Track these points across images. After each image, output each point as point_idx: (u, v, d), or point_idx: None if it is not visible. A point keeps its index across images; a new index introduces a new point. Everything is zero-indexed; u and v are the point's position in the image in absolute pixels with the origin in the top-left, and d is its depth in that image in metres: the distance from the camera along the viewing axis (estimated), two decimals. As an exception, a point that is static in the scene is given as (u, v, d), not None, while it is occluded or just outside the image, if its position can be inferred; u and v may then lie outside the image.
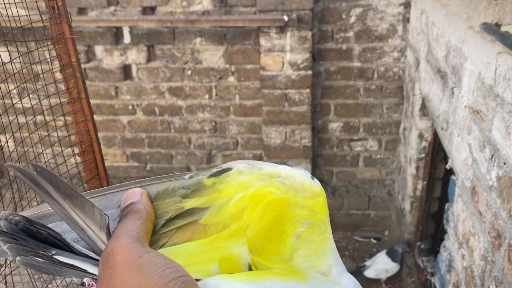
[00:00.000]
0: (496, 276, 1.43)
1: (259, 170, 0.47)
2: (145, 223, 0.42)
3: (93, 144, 2.21)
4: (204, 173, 0.48)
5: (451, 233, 2.00)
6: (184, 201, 0.46)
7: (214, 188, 0.46)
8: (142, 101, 3.49)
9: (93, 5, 3.22)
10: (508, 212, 1.34)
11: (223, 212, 0.45)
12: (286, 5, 2.99)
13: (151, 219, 0.43)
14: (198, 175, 0.47)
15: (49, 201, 0.41)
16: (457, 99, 1.87)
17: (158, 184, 0.47)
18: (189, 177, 0.47)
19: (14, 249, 0.40)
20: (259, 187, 0.46)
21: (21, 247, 0.40)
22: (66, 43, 2.06)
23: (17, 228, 0.41)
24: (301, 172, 0.48)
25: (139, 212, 0.42)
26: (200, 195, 0.46)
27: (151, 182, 0.48)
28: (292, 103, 3.27)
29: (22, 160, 2.85)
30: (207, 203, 0.46)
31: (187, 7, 3.20)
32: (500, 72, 1.40)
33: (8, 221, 0.41)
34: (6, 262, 2.23)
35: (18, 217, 0.41)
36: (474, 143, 1.65)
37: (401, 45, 3.19)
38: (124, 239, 0.39)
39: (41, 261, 0.40)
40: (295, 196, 0.46)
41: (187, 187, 0.46)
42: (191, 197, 0.46)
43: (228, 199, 0.45)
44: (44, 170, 0.40)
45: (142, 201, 0.44)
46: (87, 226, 0.41)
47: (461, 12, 1.90)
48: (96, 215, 0.42)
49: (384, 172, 3.61)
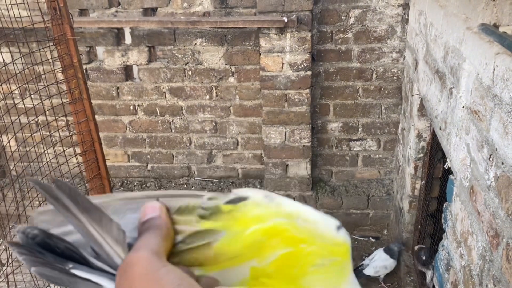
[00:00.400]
0: (494, 275, 1.44)
1: (277, 206, 0.46)
2: (164, 239, 0.42)
3: (95, 144, 2.23)
4: (222, 197, 0.47)
5: (449, 232, 2.01)
6: (201, 221, 0.45)
7: (230, 215, 0.45)
8: (143, 101, 3.50)
9: (95, 6, 3.24)
10: (506, 212, 1.36)
11: (237, 240, 0.44)
12: (285, 7, 3.01)
13: (170, 235, 0.43)
14: (217, 199, 0.47)
15: (67, 215, 0.41)
16: (455, 100, 1.89)
17: (178, 199, 0.47)
18: (209, 198, 0.47)
19: (29, 261, 0.40)
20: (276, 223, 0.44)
21: (35, 259, 0.41)
22: (67, 44, 2.08)
23: (34, 241, 0.42)
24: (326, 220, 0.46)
25: (159, 228, 0.42)
26: (216, 219, 0.45)
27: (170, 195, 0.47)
28: (292, 103, 3.28)
29: (24, 160, 2.86)
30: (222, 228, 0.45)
31: (188, 8, 3.22)
32: (498, 72, 1.41)
33: (25, 235, 0.42)
34: (8, 262, 2.25)
35: (36, 231, 0.42)
36: (472, 143, 1.66)
37: (399, 46, 3.21)
38: (143, 252, 0.39)
39: (57, 272, 0.41)
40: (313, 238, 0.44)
41: (206, 208, 0.46)
42: (208, 219, 0.45)
43: (243, 228, 0.45)
44: (64, 184, 0.41)
45: (161, 216, 0.44)
46: (104, 240, 0.42)
47: (460, 13, 1.91)
48: (114, 229, 0.42)
49: (383, 171, 3.63)
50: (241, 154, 3.64)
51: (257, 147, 3.59)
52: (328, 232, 0.45)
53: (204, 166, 3.72)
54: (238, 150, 3.63)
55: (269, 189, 3.60)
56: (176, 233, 0.44)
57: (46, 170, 2.37)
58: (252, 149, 3.61)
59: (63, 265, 0.42)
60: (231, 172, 3.73)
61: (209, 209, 0.46)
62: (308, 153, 3.45)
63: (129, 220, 0.45)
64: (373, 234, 3.68)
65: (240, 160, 3.67)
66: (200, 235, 0.45)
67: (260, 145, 3.57)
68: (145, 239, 0.41)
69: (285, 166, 3.52)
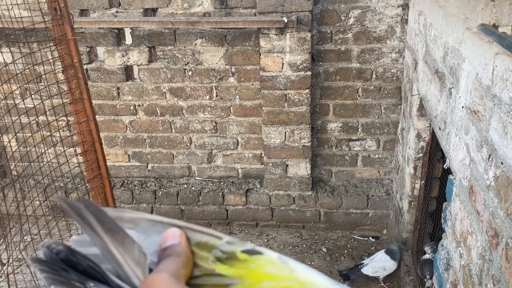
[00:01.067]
0: (494, 274, 1.44)
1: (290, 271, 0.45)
2: (185, 267, 0.43)
3: (95, 144, 2.24)
4: (239, 244, 0.47)
5: (449, 232, 2.02)
6: (217, 263, 0.46)
7: (245, 264, 0.46)
8: (143, 101, 3.51)
9: (95, 7, 3.24)
10: (505, 211, 1.36)
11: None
12: (285, 7, 3.01)
13: (190, 264, 0.44)
14: (235, 244, 0.47)
15: (90, 234, 0.42)
16: (454, 100, 1.90)
17: (199, 234, 0.47)
18: (227, 242, 0.47)
19: (49, 279, 0.41)
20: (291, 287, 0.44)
21: (57, 278, 0.41)
22: (68, 44, 2.09)
23: (57, 257, 0.43)
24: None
25: (180, 256, 0.43)
26: (231, 265, 0.46)
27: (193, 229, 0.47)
28: (292, 103, 3.29)
29: (24, 160, 2.87)
30: (237, 276, 0.45)
31: (188, 9, 3.23)
32: (497, 72, 1.42)
33: (49, 250, 0.43)
34: (8, 261, 2.25)
35: (61, 247, 0.43)
36: (472, 143, 1.67)
37: (399, 46, 3.21)
38: (164, 275, 0.41)
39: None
40: None
41: (224, 251, 0.46)
42: (224, 263, 0.46)
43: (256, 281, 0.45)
44: (91, 204, 0.42)
45: (181, 244, 0.44)
46: (125, 261, 0.42)
47: (459, 13, 1.92)
48: (135, 251, 0.43)
49: (383, 171, 3.64)
50: (241, 154, 3.65)
51: (257, 147, 3.60)
52: None
53: (204, 166, 3.73)
54: (238, 150, 3.64)
55: (269, 189, 3.61)
56: (194, 266, 0.45)
57: (46, 170, 2.38)
58: (252, 149, 3.62)
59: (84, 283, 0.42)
60: (231, 172, 3.73)
61: (226, 253, 0.46)
62: (308, 153, 3.46)
63: (152, 242, 0.46)
64: (372, 233, 3.69)
65: (240, 160, 3.67)
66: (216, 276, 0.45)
67: (260, 145, 3.58)
68: (166, 263, 0.42)
69: (285, 166, 3.52)
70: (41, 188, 3.47)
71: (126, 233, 0.43)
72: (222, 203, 3.71)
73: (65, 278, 0.42)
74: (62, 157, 2.64)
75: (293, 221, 3.74)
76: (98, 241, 0.42)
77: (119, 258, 0.42)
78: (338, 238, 3.67)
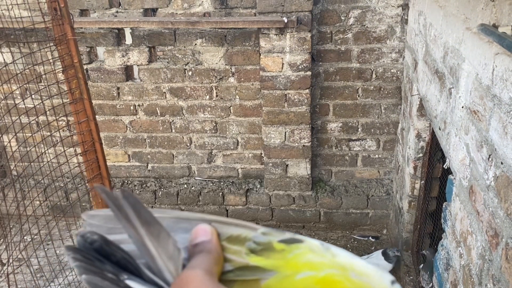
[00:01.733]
0: (494, 274, 1.44)
1: (331, 256, 0.44)
2: (217, 264, 0.43)
3: (95, 144, 2.24)
4: (276, 234, 0.46)
5: (448, 232, 2.02)
6: (251, 255, 0.44)
7: (282, 255, 0.44)
8: (143, 101, 3.51)
9: (95, 7, 3.24)
10: (505, 211, 1.36)
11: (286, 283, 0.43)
12: (285, 7, 3.01)
13: (221, 261, 0.44)
14: (271, 235, 0.45)
15: (126, 225, 0.42)
16: (454, 100, 1.90)
17: (230, 227, 0.46)
18: (262, 232, 0.46)
19: (81, 268, 0.41)
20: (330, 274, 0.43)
21: (88, 267, 0.41)
22: (68, 44, 2.09)
23: (91, 247, 0.42)
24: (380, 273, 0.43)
25: (211, 253, 0.43)
26: (267, 256, 0.44)
27: (224, 222, 0.47)
28: (292, 103, 3.29)
29: (24, 160, 2.87)
30: (272, 267, 0.43)
31: (188, 9, 3.23)
32: (497, 73, 1.42)
33: (84, 239, 0.42)
34: (8, 261, 2.25)
35: (96, 236, 0.42)
36: (472, 143, 1.67)
37: (399, 46, 3.21)
38: (199, 271, 0.40)
39: (107, 283, 0.41)
40: None
41: (258, 243, 0.45)
42: (258, 255, 0.44)
43: (294, 272, 0.43)
44: (130, 195, 0.42)
45: (212, 241, 0.44)
46: (159, 255, 0.42)
47: (459, 13, 1.92)
48: (170, 246, 0.43)
49: (382, 171, 3.64)
50: (241, 154, 3.65)
51: (257, 147, 3.60)
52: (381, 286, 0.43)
53: (204, 166, 3.73)
54: (238, 150, 3.64)
55: (269, 189, 3.61)
56: (225, 261, 0.44)
57: (46, 170, 2.38)
58: (252, 149, 3.62)
59: (117, 275, 0.42)
60: (231, 172, 3.73)
61: (261, 244, 0.45)
62: (308, 153, 3.46)
63: (180, 240, 0.45)
64: (372, 233, 3.69)
65: (240, 160, 3.67)
66: (250, 270, 0.44)
67: (260, 145, 3.58)
68: (199, 260, 0.42)
69: (285, 166, 3.53)
70: (41, 188, 3.47)
71: (162, 227, 0.43)
72: (222, 203, 3.71)
73: (98, 268, 0.41)
74: (62, 157, 2.64)
75: (293, 221, 3.74)
76: (133, 234, 0.42)
77: (153, 252, 0.42)
78: (338, 238, 3.67)
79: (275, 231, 0.46)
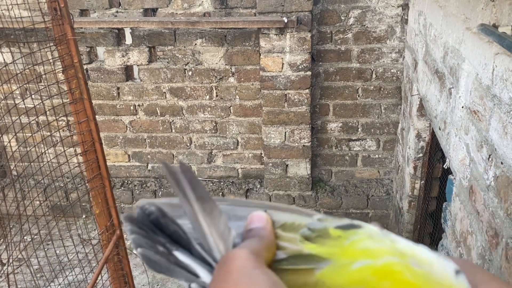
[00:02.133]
0: (494, 274, 1.45)
1: (391, 242, 0.42)
2: (266, 250, 0.42)
3: (95, 144, 2.24)
4: (332, 220, 0.44)
5: (448, 232, 2.02)
6: (306, 242, 0.43)
7: (338, 241, 0.42)
8: (143, 101, 3.51)
9: (95, 7, 3.24)
10: (505, 211, 1.36)
11: (342, 273, 0.40)
12: (285, 7, 3.01)
13: (273, 248, 0.43)
14: (327, 221, 0.44)
15: (182, 200, 0.42)
16: (454, 100, 1.90)
17: (285, 214, 0.46)
18: (318, 219, 0.44)
19: (137, 240, 0.42)
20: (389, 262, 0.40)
21: (143, 240, 0.42)
22: (68, 44, 2.09)
23: (148, 218, 0.43)
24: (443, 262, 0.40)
25: (264, 239, 0.43)
26: (322, 243, 0.42)
27: (280, 208, 0.46)
28: (292, 103, 3.29)
29: (24, 160, 2.86)
30: (327, 255, 0.41)
31: (188, 9, 3.23)
32: (497, 72, 1.42)
33: (142, 210, 0.43)
34: (8, 261, 2.25)
35: (154, 208, 0.43)
36: (472, 143, 1.67)
37: (399, 46, 3.21)
38: (246, 250, 0.40)
39: (158, 257, 0.42)
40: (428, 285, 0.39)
41: (313, 230, 0.43)
42: (313, 242, 0.43)
43: (350, 260, 0.40)
44: (188, 170, 0.42)
45: (266, 228, 0.44)
46: (209, 232, 0.42)
47: (459, 13, 1.92)
48: (221, 224, 0.42)
49: (382, 171, 3.64)
50: (241, 154, 3.65)
51: (257, 147, 3.60)
52: (445, 277, 0.39)
53: (204, 166, 3.73)
54: (238, 150, 3.64)
55: (269, 189, 3.61)
56: (278, 249, 0.43)
57: (46, 170, 2.38)
58: (252, 149, 3.62)
59: (169, 248, 0.43)
60: (231, 172, 3.73)
61: (316, 231, 0.43)
62: (308, 153, 3.46)
63: (234, 226, 0.44)
64: (372, 234, 3.69)
65: (240, 160, 3.67)
66: (303, 258, 0.42)
67: (260, 145, 3.58)
68: (250, 242, 0.42)
69: (285, 166, 3.53)
70: (41, 188, 3.47)
71: (216, 204, 0.43)
72: (222, 203, 3.71)
73: (152, 240, 0.42)
74: (62, 157, 2.64)
75: (293, 221, 3.74)
76: (188, 209, 0.42)
77: (205, 228, 0.42)
78: (338, 238, 3.67)
79: (331, 218, 0.45)
